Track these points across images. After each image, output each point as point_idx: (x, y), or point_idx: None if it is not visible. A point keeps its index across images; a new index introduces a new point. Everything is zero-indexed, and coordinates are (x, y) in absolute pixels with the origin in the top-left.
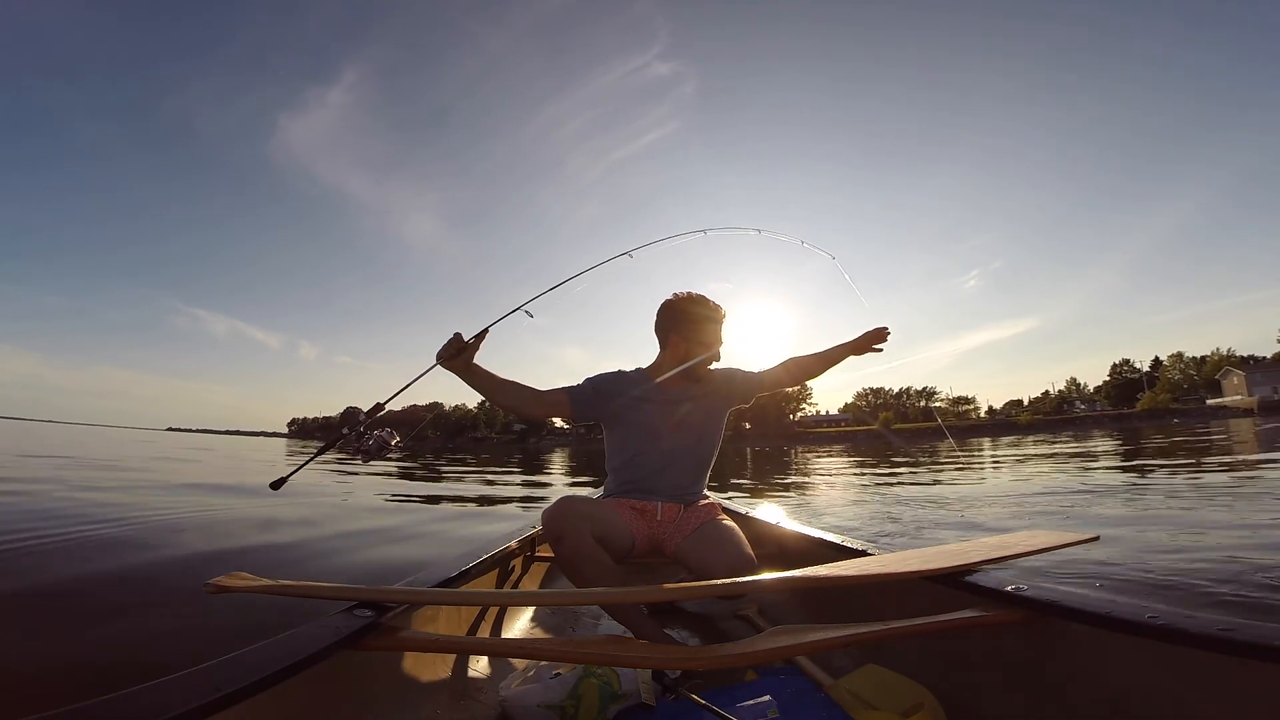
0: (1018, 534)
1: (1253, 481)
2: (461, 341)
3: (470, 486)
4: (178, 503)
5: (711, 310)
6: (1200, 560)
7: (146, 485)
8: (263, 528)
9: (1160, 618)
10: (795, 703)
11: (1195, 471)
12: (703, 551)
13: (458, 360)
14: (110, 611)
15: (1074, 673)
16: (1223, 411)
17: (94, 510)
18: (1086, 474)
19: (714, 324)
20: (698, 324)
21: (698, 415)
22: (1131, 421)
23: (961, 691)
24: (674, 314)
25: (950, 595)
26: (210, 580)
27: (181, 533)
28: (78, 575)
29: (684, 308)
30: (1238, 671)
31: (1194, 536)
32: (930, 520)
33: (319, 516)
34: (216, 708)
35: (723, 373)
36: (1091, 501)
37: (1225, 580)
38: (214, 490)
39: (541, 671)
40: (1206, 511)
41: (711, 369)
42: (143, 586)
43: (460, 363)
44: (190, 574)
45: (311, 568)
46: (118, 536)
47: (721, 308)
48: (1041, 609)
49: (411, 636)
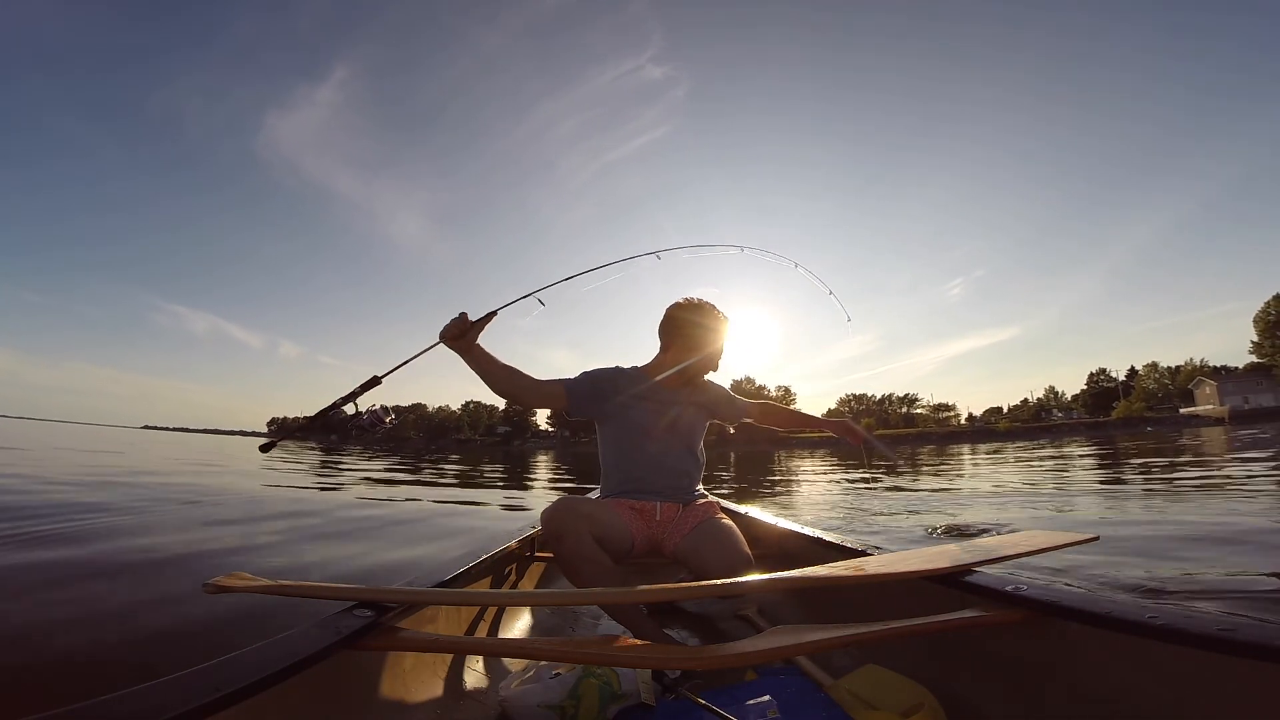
0: (1017, 534)
1: (1241, 485)
2: (467, 321)
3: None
4: (177, 502)
5: (717, 321)
6: (1200, 560)
7: (146, 484)
8: (262, 527)
9: (1160, 618)
10: (795, 703)
11: (1186, 475)
12: (700, 549)
13: (462, 341)
14: (110, 611)
15: (1074, 673)
16: (1195, 420)
17: (93, 510)
18: (1075, 479)
19: (716, 334)
20: (702, 331)
21: (687, 419)
22: (1106, 429)
23: (961, 691)
24: (680, 319)
25: (950, 595)
26: (210, 580)
27: (181, 532)
28: (77, 575)
29: (690, 315)
30: (1238, 671)
31: (1193, 537)
32: (921, 522)
33: (318, 516)
34: (216, 708)
35: (718, 388)
36: (1088, 503)
37: (1225, 580)
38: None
39: (541, 671)
40: (1207, 511)
41: (708, 379)
42: (142, 586)
43: (464, 343)
44: (189, 574)
45: (311, 568)
46: (116, 536)
47: (726, 320)
48: (1041, 609)
49: (411, 636)
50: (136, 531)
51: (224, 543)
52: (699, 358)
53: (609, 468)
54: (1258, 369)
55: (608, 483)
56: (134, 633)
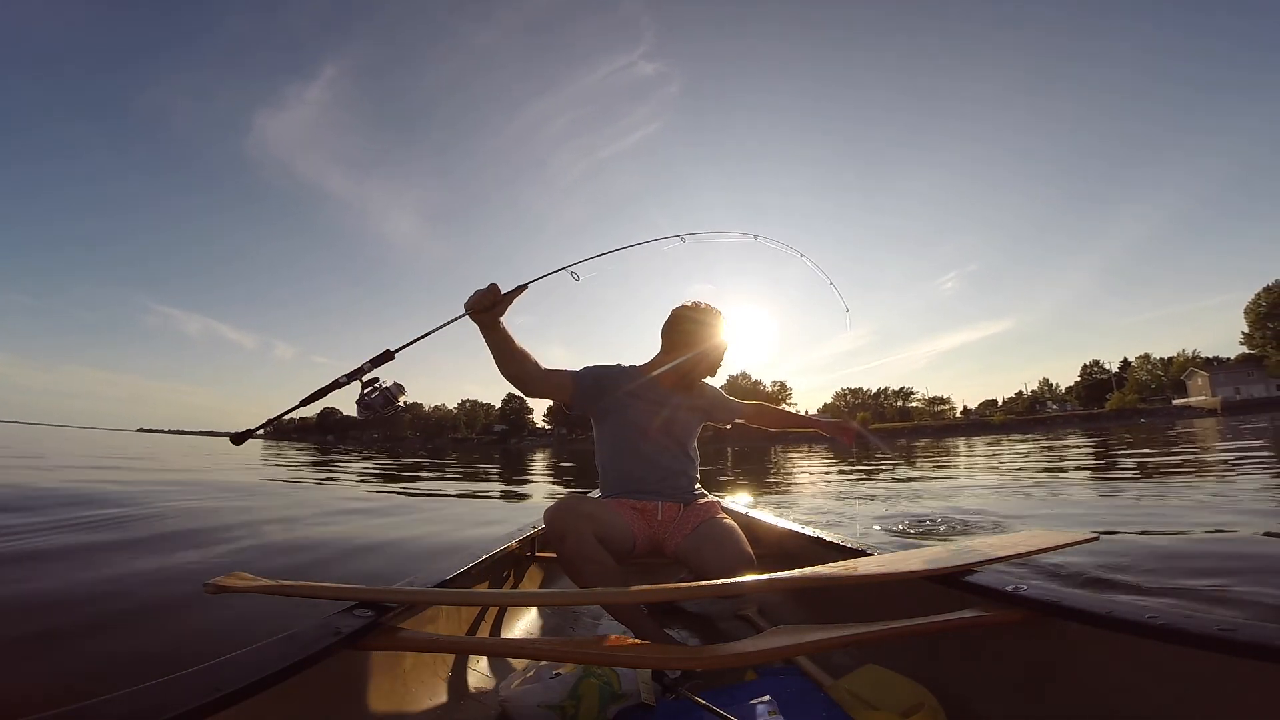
0: (1018, 534)
1: (1233, 478)
2: (498, 293)
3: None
4: (177, 502)
5: (714, 319)
6: (1200, 560)
7: (144, 483)
8: (262, 527)
9: (1160, 618)
10: (795, 703)
11: (1180, 469)
12: (701, 549)
13: (490, 314)
14: (109, 611)
15: (1074, 673)
16: (1188, 411)
17: (91, 509)
18: (1071, 475)
19: (714, 332)
20: (698, 328)
21: (682, 419)
22: (1100, 421)
23: (961, 691)
24: (680, 318)
25: (950, 595)
26: (210, 580)
27: (180, 532)
28: (76, 575)
29: (690, 314)
30: (1238, 672)
31: (1194, 535)
32: (918, 520)
33: (319, 516)
34: (216, 708)
35: (714, 390)
36: (1086, 500)
37: (1225, 580)
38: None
39: (541, 671)
40: (1207, 510)
41: (705, 382)
42: (142, 586)
43: (491, 316)
44: (189, 574)
45: (311, 568)
46: (115, 536)
47: (723, 319)
48: (1041, 609)
49: (411, 636)
50: (135, 532)
51: (224, 543)
52: (695, 354)
53: (606, 466)
54: (1249, 360)
55: (607, 482)
56: (134, 633)
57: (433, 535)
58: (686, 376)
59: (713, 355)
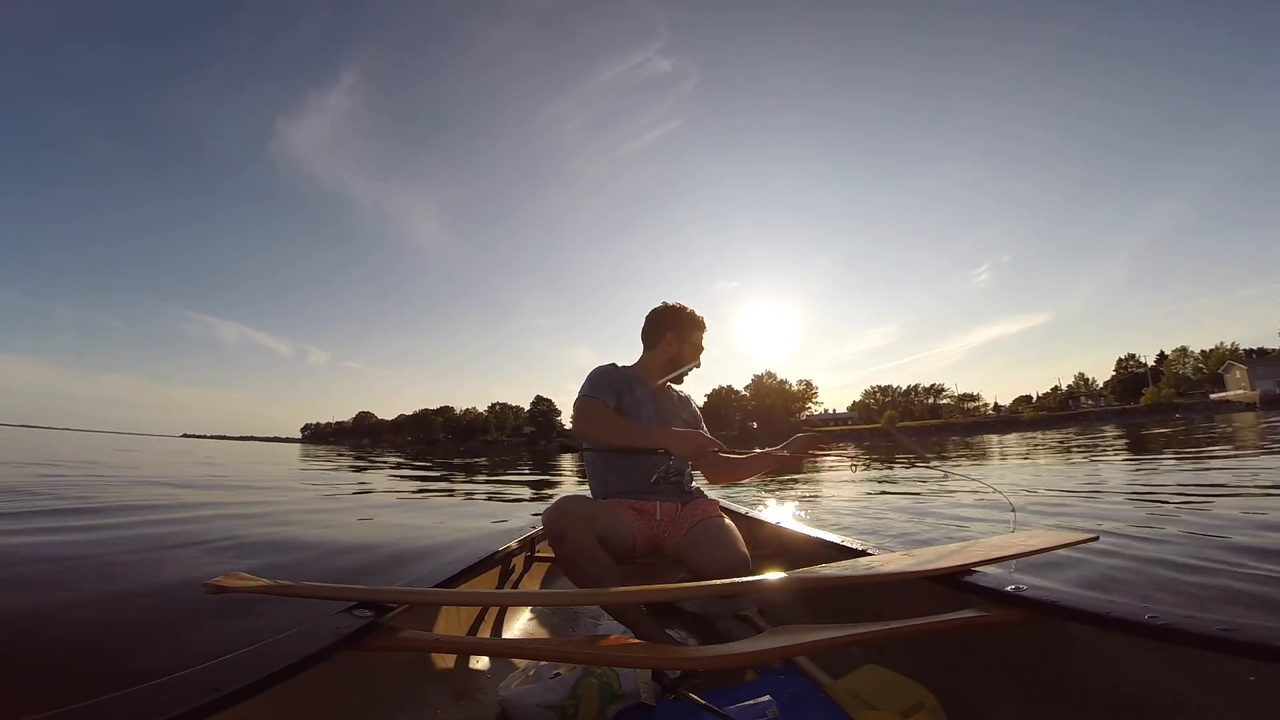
0: (1018, 534)
1: (1255, 478)
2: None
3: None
4: (176, 502)
5: (699, 322)
6: (1201, 559)
7: (143, 484)
8: (262, 527)
9: (1161, 618)
10: (795, 703)
11: (1197, 468)
12: (700, 549)
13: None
14: (109, 611)
15: (1074, 673)
16: (1225, 406)
17: (91, 510)
18: (1087, 472)
19: (701, 334)
20: (691, 329)
21: (680, 420)
22: (1134, 417)
23: (961, 691)
24: (669, 317)
25: (950, 595)
26: (210, 580)
27: (180, 532)
28: (76, 575)
29: (679, 313)
30: (1239, 672)
31: (1195, 535)
32: (921, 520)
33: (320, 516)
34: (216, 708)
35: (684, 395)
36: (1091, 500)
37: (1226, 579)
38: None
39: (541, 671)
40: (1207, 510)
41: (687, 396)
42: (142, 586)
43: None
44: (189, 574)
45: (311, 568)
46: (116, 536)
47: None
48: (1041, 609)
49: (411, 636)
50: (135, 532)
51: (223, 542)
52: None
53: (606, 466)
54: None
55: (606, 482)
56: (134, 633)
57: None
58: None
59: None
